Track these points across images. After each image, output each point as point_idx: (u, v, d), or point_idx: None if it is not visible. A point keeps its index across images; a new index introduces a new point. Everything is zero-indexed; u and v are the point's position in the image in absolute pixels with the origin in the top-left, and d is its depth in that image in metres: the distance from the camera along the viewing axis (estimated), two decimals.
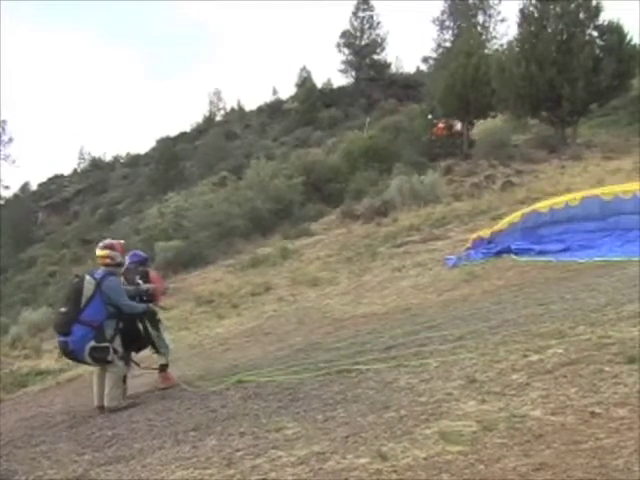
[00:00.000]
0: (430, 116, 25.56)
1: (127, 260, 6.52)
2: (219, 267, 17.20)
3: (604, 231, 9.72)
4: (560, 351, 4.36)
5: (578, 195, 10.43)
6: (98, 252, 5.85)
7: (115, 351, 5.62)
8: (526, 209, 10.91)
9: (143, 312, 6.02)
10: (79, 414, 5.87)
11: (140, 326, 6.11)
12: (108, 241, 6.00)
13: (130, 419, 5.17)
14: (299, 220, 20.23)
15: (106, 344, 5.50)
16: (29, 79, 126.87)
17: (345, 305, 9.55)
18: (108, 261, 5.76)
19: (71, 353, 5.55)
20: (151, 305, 6.18)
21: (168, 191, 32.52)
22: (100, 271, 5.69)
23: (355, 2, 56.14)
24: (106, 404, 5.65)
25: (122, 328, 5.79)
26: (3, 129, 35.59)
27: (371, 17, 56.38)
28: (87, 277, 5.59)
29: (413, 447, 3.21)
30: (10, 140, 36.06)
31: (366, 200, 18.91)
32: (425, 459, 3.04)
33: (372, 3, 56.31)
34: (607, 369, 3.82)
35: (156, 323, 6.36)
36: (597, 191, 10.43)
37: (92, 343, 5.42)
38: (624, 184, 10.78)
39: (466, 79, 23.92)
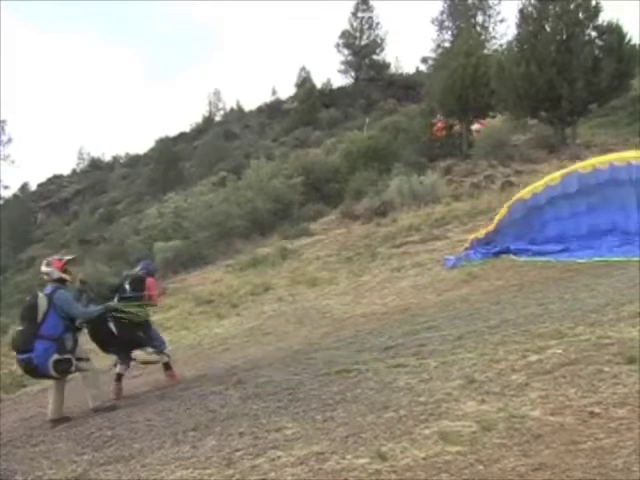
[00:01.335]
0: (440, 117, 25.40)
1: (138, 268, 6.82)
2: (218, 267, 17.19)
3: (593, 211, 9.71)
4: (559, 351, 4.36)
5: (557, 174, 10.38)
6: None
7: (79, 359, 5.70)
8: (510, 201, 10.88)
9: (99, 316, 6.00)
10: (78, 414, 5.87)
11: (112, 327, 6.13)
12: (50, 258, 6.10)
13: (129, 419, 5.17)
14: (298, 220, 20.20)
15: (68, 356, 5.59)
16: (28, 79, 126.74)
17: (344, 305, 9.55)
18: (45, 277, 5.90)
19: (35, 369, 5.61)
20: (116, 305, 6.18)
21: (167, 191, 32.48)
22: (49, 287, 5.80)
23: (354, 2, 56.18)
24: (90, 405, 5.75)
25: (94, 333, 5.97)
26: (2, 129, 35.53)
27: (370, 17, 56.30)
28: (40, 294, 5.71)
29: (412, 447, 3.21)
30: (9, 140, 35.99)
31: (365, 200, 18.89)
32: (424, 459, 3.04)
33: (371, 3, 56.22)
34: (606, 369, 3.82)
35: (144, 325, 6.36)
36: (575, 166, 10.38)
37: (55, 356, 5.52)
38: (600, 156, 10.73)
39: (465, 79, 23.90)
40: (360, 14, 56.08)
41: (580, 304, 5.80)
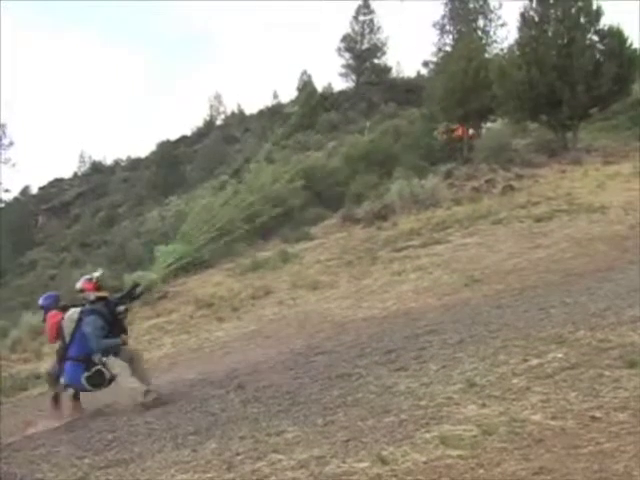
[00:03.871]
0: (453, 126, 25.25)
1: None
2: (219, 271, 17.18)
3: None
4: (560, 355, 4.36)
5: None
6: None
7: (104, 364, 5.63)
8: None
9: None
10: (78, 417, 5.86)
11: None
12: (80, 283, 5.97)
13: (130, 422, 5.16)
14: (299, 224, 20.17)
15: (97, 368, 5.60)
16: (29, 82, 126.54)
17: (345, 309, 9.54)
18: (83, 302, 5.87)
19: (75, 388, 5.76)
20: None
21: (169, 195, 32.54)
22: (87, 306, 5.77)
23: (356, 6, 56.31)
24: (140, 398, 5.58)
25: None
26: (3, 132, 35.63)
27: (372, 21, 56.43)
28: (70, 310, 5.74)
29: (413, 451, 3.20)
30: (10, 143, 36.09)
31: (366, 204, 18.87)
32: (425, 463, 3.04)
33: (373, 7, 56.44)
34: (607, 373, 3.82)
35: None
36: None
37: (85, 374, 5.59)
38: None
39: (466, 83, 23.93)
40: (361, 18, 56.23)
41: (581, 308, 5.79)
